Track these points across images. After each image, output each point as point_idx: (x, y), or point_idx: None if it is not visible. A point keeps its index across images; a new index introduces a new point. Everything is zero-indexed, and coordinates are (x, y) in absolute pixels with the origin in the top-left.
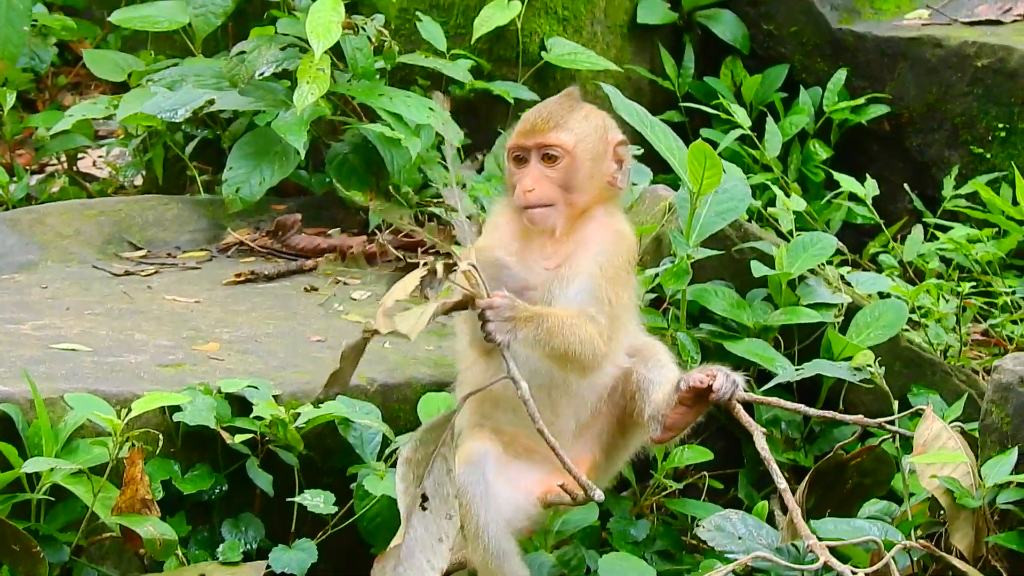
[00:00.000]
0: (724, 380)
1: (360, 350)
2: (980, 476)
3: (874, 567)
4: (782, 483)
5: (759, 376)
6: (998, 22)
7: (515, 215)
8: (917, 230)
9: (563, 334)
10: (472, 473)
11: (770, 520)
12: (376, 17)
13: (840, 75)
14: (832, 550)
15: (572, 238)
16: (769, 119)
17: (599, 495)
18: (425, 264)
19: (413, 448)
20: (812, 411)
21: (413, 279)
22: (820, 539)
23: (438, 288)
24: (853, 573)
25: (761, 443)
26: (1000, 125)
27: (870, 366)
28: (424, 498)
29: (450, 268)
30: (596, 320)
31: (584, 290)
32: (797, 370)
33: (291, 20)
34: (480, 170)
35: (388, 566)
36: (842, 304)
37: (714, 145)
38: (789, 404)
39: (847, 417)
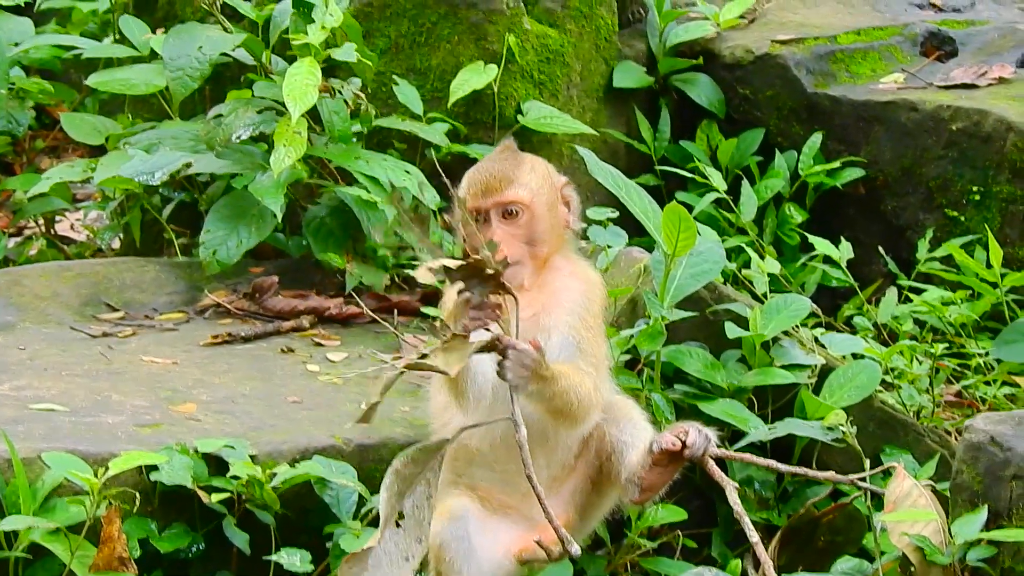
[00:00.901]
0: (696, 436)
1: (390, 386)
2: (950, 534)
3: None
4: (754, 537)
5: (732, 437)
6: (973, 86)
7: None
8: (891, 292)
9: (568, 394)
10: (456, 529)
11: None
12: (353, 81)
13: (816, 139)
14: None
15: (541, 288)
16: (745, 182)
17: (576, 549)
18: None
19: (404, 463)
20: (784, 467)
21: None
22: None
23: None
24: None
25: (733, 498)
26: (975, 188)
27: (842, 426)
28: (401, 515)
29: (494, 284)
30: (590, 374)
31: (568, 344)
32: (770, 429)
33: (268, 83)
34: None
35: (356, 570)
36: (816, 365)
37: (690, 208)
38: (761, 460)
39: (819, 474)
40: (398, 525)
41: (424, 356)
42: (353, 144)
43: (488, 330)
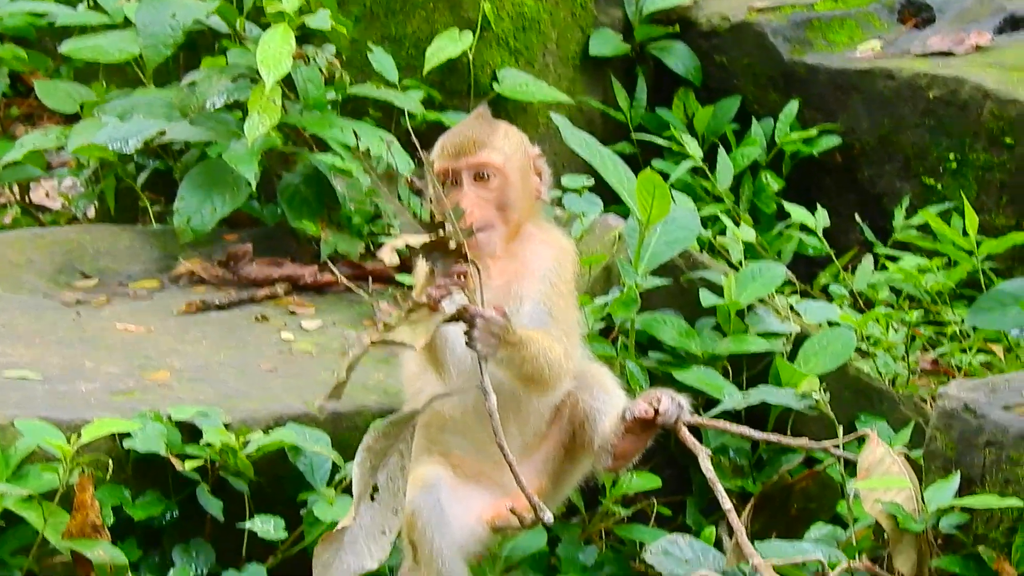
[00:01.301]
0: (669, 403)
1: (356, 364)
2: (923, 501)
3: None
4: (727, 504)
5: (707, 405)
6: (950, 54)
7: None
8: (867, 260)
9: (538, 359)
10: (427, 498)
11: (718, 545)
12: (327, 48)
13: (792, 107)
14: (777, 571)
15: (512, 256)
16: (721, 150)
17: (548, 516)
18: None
19: (375, 438)
20: (757, 434)
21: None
22: (765, 560)
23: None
24: None
25: (706, 464)
26: (951, 156)
27: (816, 393)
28: (375, 488)
29: (457, 255)
30: (561, 340)
31: (540, 311)
32: (744, 397)
33: (242, 51)
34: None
35: (332, 548)
36: (790, 333)
37: (666, 176)
38: (734, 427)
39: (792, 441)
40: (372, 499)
41: (390, 328)
42: (328, 112)
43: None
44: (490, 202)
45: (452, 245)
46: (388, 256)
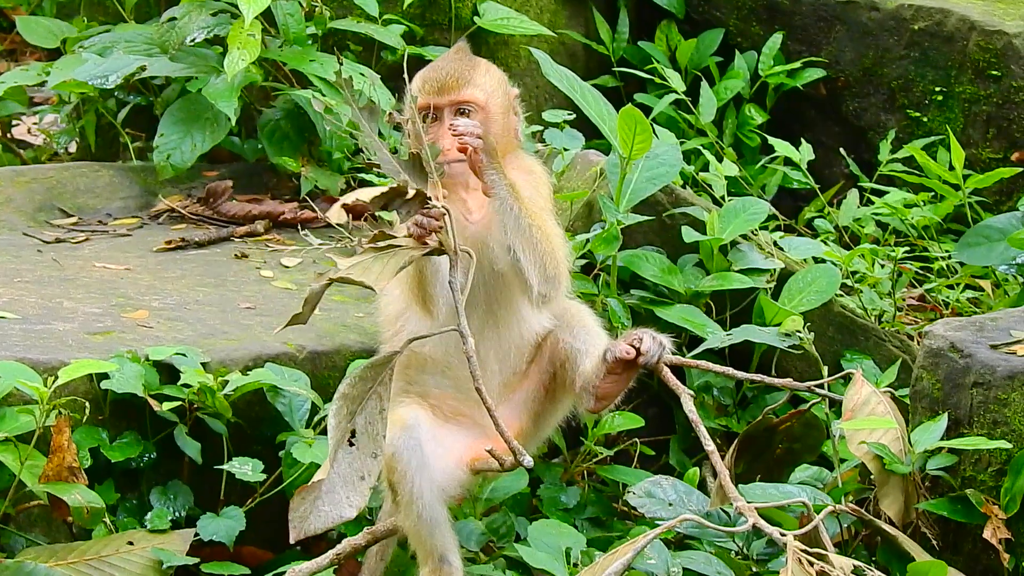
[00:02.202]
0: (651, 343)
1: (321, 294)
2: (910, 442)
3: (803, 529)
4: (710, 445)
5: (690, 342)
6: None
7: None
8: (853, 195)
9: (534, 228)
10: (407, 439)
11: (702, 487)
12: None
13: (776, 39)
14: (761, 514)
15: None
16: (704, 84)
17: (528, 460)
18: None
19: (351, 384)
20: (739, 374)
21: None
22: (749, 503)
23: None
24: (782, 535)
25: (688, 405)
26: (937, 89)
27: (799, 331)
28: (353, 434)
29: (422, 200)
30: (560, 247)
31: None
32: (727, 335)
33: None
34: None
35: (308, 499)
36: (774, 269)
37: (648, 110)
38: (717, 367)
39: (775, 380)
40: (351, 444)
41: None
42: (308, 46)
43: (428, 243)
44: None
45: (411, 193)
46: (337, 216)
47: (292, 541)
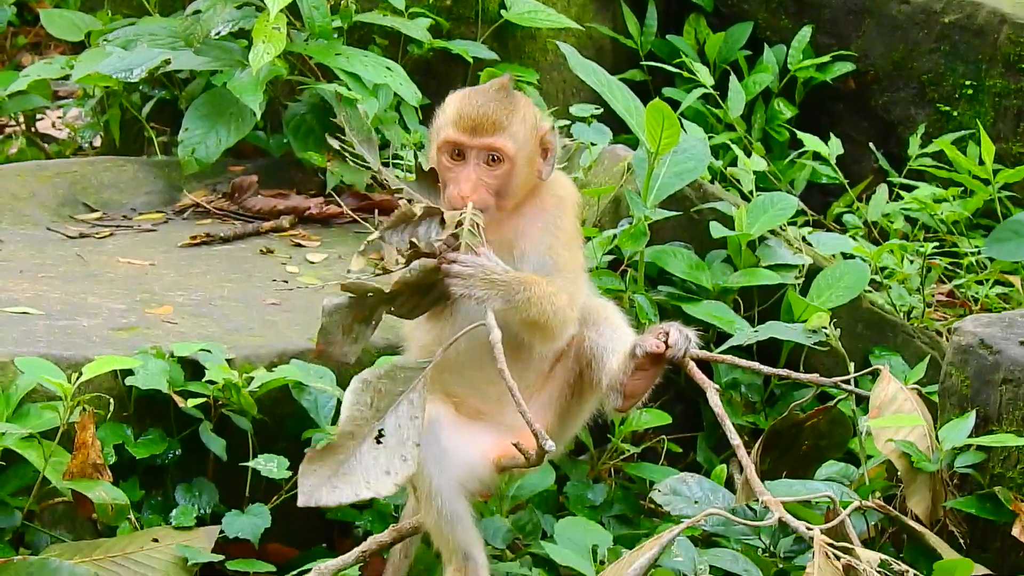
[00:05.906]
0: (678, 336)
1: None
2: (938, 439)
3: (829, 524)
4: (736, 439)
5: (718, 340)
6: None
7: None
8: (882, 190)
9: (541, 304)
10: (426, 436)
11: (728, 485)
12: None
13: (805, 32)
14: (787, 510)
15: (514, 210)
16: (732, 78)
17: (551, 444)
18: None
19: (378, 375)
20: (766, 369)
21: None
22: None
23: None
24: (808, 530)
25: (714, 399)
26: (967, 83)
27: (825, 328)
28: (381, 433)
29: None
30: (566, 290)
31: (545, 263)
32: (754, 332)
33: None
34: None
35: (320, 470)
36: (803, 265)
37: (676, 104)
38: (743, 362)
39: (802, 376)
40: (379, 441)
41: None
42: (334, 40)
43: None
44: (491, 186)
45: (419, 211)
46: (358, 265)
47: (299, 505)
